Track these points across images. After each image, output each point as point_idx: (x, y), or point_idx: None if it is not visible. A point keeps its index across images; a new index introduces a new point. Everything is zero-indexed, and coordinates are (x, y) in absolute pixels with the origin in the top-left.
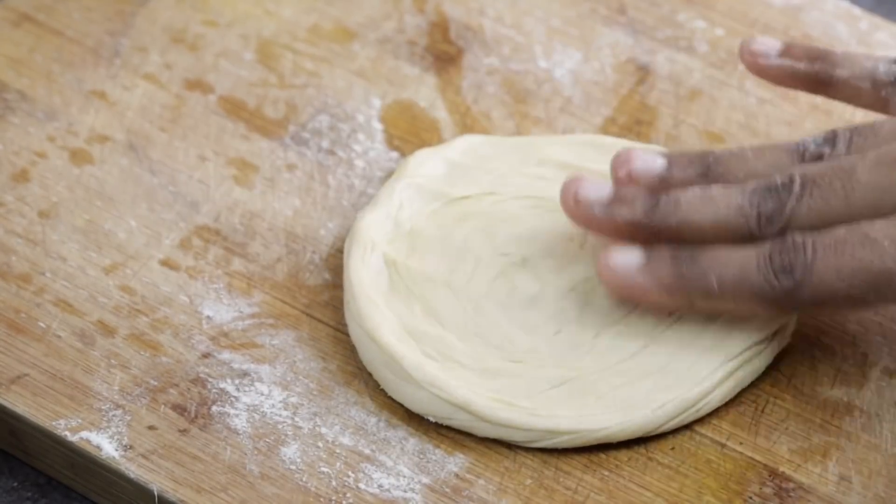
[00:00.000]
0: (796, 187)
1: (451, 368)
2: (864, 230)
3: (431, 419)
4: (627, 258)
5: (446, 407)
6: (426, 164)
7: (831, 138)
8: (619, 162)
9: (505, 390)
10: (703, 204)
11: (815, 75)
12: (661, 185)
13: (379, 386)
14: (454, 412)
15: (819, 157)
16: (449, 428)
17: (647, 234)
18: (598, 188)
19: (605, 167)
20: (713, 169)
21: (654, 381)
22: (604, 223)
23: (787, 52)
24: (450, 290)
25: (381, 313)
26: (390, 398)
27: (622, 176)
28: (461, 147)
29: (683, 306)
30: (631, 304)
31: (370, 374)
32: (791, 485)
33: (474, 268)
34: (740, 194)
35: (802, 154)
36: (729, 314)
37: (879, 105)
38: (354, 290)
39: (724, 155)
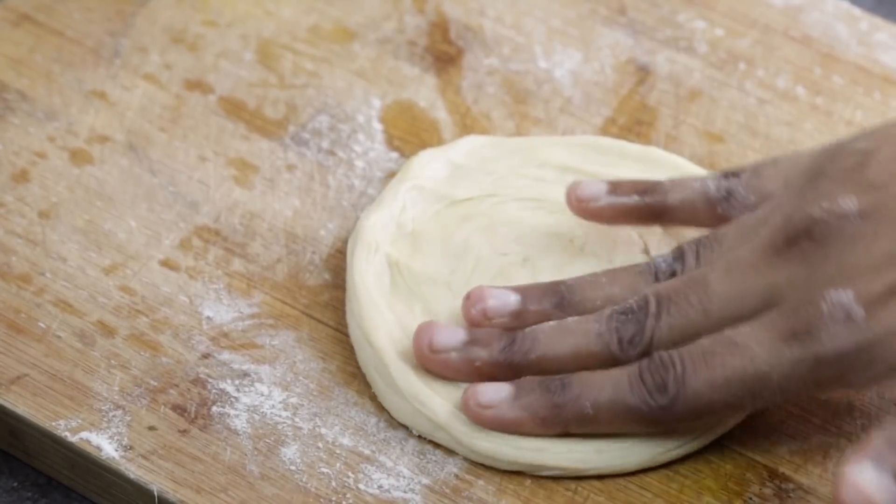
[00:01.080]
0: (652, 307)
1: (431, 383)
2: (729, 337)
3: (415, 432)
4: (495, 393)
5: (428, 424)
6: (429, 165)
7: (679, 255)
8: (471, 301)
9: None
10: (560, 336)
11: (647, 207)
12: (516, 321)
13: None
14: (435, 430)
15: (672, 275)
16: None
17: (507, 373)
18: (452, 334)
19: (606, 169)
20: (567, 298)
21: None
22: (462, 368)
23: (614, 190)
24: (449, 290)
25: (381, 315)
26: None
27: (475, 315)
28: (464, 148)
29: (558, 433)
30: None
31: None
32: (791, 485)
33: (474, 268)
34: (597, 322)
35: (655, 274)
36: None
37: (717, 222)
38: (357, 291)
39: (577, 283)
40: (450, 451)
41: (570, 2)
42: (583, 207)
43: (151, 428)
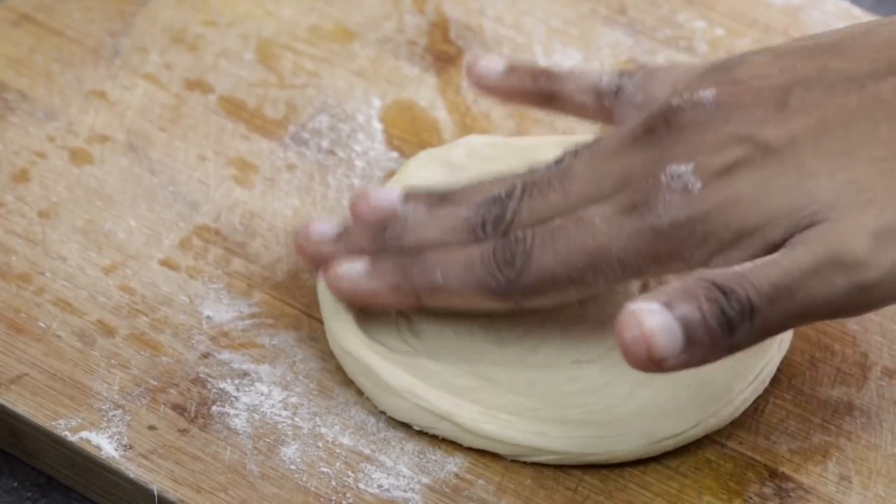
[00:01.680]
0: (517, 192)
1: (428, 378)
2: (578, 214)
3: (416, 427)
4: (354, 265)
5: (429, 417)
6: (427, 166)
7: (560, 158)
8: (354, 199)
9: (485, 402)
10: (430, 221)
11: (539, 92)
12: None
13: None
14: (437, 422)
15: None
16: None
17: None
18: (328, 224)
19: None
20: (449, 198)
21: (646, 421)
22: (335, 256)
23: (511, 70)
24: None
25: (346, 320)
26: None
27: (359, 212)
28: (464, 149)
29: (412, 305)
30: (612, 341)
31: None
32: (791, 485)
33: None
34: (466, 209)
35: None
36: (457, 309)
37: (604, 116)
38: (321, 300)
39: (462, 186)
40: (450, 451)
41: (570, 2)
42: (479, 83)
43: (151, 427)
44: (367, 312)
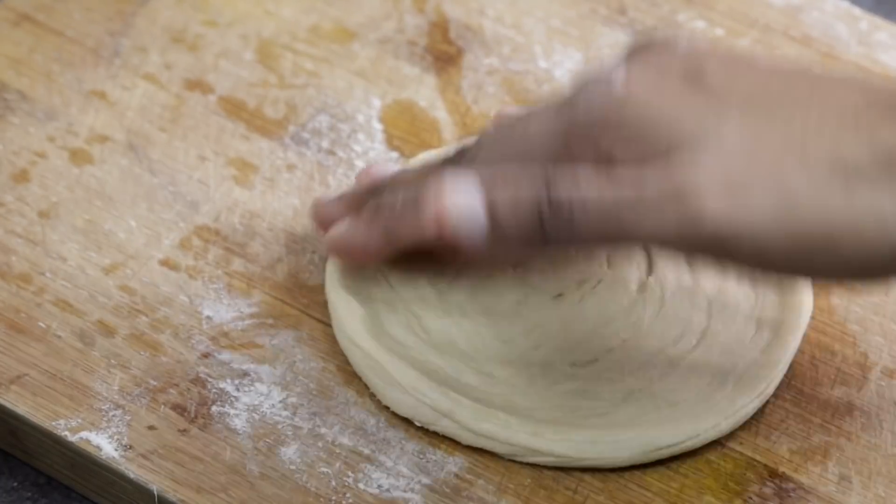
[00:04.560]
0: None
1: (432, 373)
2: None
3: (417, 423)
4: (342, 223)
5: (431, 413)
6: None
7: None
8: (360, 175)
9: (485, 401)
10: (404, 185)
11: None
12: None
13: None
14: (438, 418)
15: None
16: None
17: None
18: (332, 193)
19: None
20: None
21: (642, 429)
22: (336, 216)
23: None
24: (435, 292)
25: (354, 315)
26: None
27: (359, 178)
28: None
29: (392, 248)
30: (612, 342)
31: None
32: (791, 485)
33: (462, 269)
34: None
35: None
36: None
37: None
38: (330, 296)
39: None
40: (450, 451)
41: (570, 2)
42: None
43: (151, 427)
44: (377, 307)
